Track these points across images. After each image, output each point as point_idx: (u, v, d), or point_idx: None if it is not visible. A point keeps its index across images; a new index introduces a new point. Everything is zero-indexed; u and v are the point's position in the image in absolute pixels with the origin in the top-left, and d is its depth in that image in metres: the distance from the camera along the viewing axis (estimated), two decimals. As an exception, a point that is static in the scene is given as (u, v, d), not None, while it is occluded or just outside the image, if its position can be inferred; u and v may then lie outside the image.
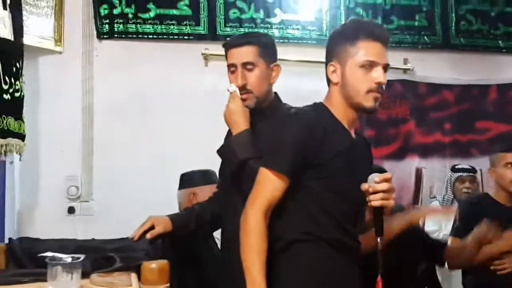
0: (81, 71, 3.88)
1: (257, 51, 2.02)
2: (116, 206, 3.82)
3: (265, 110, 2.03)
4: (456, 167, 3.95)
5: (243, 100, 2.03)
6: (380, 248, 1.71)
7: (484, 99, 4.38)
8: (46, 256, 1.37)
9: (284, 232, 1.72)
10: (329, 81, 1.84)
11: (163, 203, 3.66)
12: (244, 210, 1.69)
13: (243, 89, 2.02)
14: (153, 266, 1.49)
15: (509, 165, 2.72)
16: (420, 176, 4.26)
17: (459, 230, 2.72)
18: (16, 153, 3.12)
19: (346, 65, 1.76)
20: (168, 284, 1.50)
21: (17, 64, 3.11)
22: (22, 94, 3.20)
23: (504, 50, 4.46)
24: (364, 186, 1.72)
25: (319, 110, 1.80)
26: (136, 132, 3.89)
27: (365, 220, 1.84)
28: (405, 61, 4.31)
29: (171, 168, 3.77)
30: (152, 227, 2.11)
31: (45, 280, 1.36)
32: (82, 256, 1.38)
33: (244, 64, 2.01)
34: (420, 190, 4.26)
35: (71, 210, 3.85)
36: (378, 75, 1.77)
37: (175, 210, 3.58)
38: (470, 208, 2.81)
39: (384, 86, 1.81)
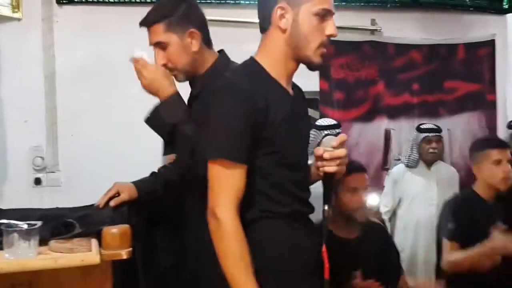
0: (42, 39, 3.76)
1: (164, 27, 1.89)
2: (83, 176, 3.75)
3: (203, 77, 1.93)
4: (422, 126, 3.90)
5: (173, 75, 1.95)
6: (326, 216, 1.61)
7: (452, 59, 4.39)
8: (1, 223, 1.32)
9: (242, 213, 1.52)
10: (265, 27, 1.62)
11: (130, 172, 3.60)
12: (211, 213, 1.49)
13: (166, 68, 1.93)
14: (114, 231, 1.45)
15: (498, 163, 2.61)
16: (389, 138, 4.27)
17: (455, 232, 2.58)
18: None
19: (299, 10, 1.56)
20: (130, 249, 1.46)
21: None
22: None
23: (471, 9, 4.47)
24: (319, 151, 1.58)
25: (252, 71, 1.59)
26: (101, 100, 3.79)
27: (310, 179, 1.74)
28: (373, 21, 4.28)
29: (138, 136, 3.69)
30: (117, 194, 2.06)
31: (1, 248, 1.31)
32: (38, 223, 1.34)
33: (156, 44, 1.92)
34: (389, 152, 4.28)
35: (37, 181, 3.78)
36: (331, 27, 1.59)
37: (139, 175, 3.56)
38: (460, 207, 2.69)
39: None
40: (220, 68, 1.88)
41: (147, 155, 3.49)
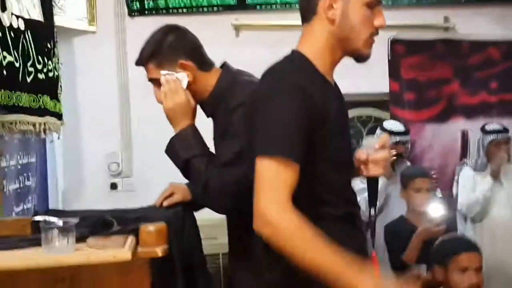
0: (115, 50, 3.94)
1: (154, 64, 1.84)
2: (156, 182, 3.80)
3: (210, 100, 1.87)
4: (487, 128, 3.66)
5: None
6: (373, 219, 1.57)
7: (533, 55, 4.13)
8: (40, 221, 1.39)
9: None
10: (308, 18, 1.50)
11: None
12: (260, 218, 1.31)
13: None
14: (150, 228, 1.48)
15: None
16: (467, 139, 4.07)
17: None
18: (55, 132, 3.20)
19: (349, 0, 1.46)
20: (166, 246, 1.49)
21: (49, 45, 3.18)
22: (56, 74, 3.27)
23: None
24: (362, 156, 1.51)
25: (300, 66, 1.46)
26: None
27: None
28: (446, 19, 4.12)
29: (209, 140, 3.79)
30: (171, 195, 2.12)
31: (39, 245, 1.38)
32: (75, 220, 1.40)
33: (152, 81, 1.90)
34: (468, 154, 4.08)
35: (113, 186, 3.95)
36: (381, 18, 1.48)
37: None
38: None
39: None
40: (225, 85, 1.83)
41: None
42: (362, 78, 3.71)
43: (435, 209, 2.96)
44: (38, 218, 1.47)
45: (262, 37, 3.91)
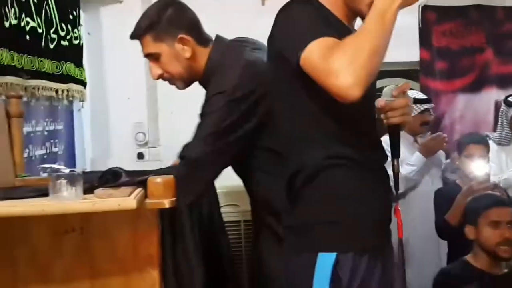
0: (142, 19, 3.92)
1: (152, 38, 1.83)
2: (182, 150, 3.88)
3: (204, 76, 1.88)
4: (510, 99, 3.44)
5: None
6: (396, 171, 1.53)
7: None
8: (47, 168, 1.39)
9: (306, 161, 1.43)
10: None
11: None
12: (332, 75, 1.25)
13: (163, 79, 1.91)
14: (158, 180, 1.48)
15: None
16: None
17: None
18: (79, 100, 3.23)
19: None
20: (174, 199, 1.48)
21: (74, 12, 3.19)
22: (81, 42, 3.30)
23: None
24: (380, 103, 1.47)
25: (315, 7, 1.44)
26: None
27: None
28: (480, -17, 3.97)
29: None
30: None
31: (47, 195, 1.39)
32: (80, 169, 1.40)
33: (149, 56, 1.87)
34: (502, 126, 3.94)
35: (140, 156, 3.97)
36: None
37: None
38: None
39: None
40: (214, 60, 1.83)
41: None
42: (391, 47, 3.63)
43: (480, 168, 2.91)
44: (45, 166, 1.47)
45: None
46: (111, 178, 1.51)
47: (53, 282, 1.50)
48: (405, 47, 3.86)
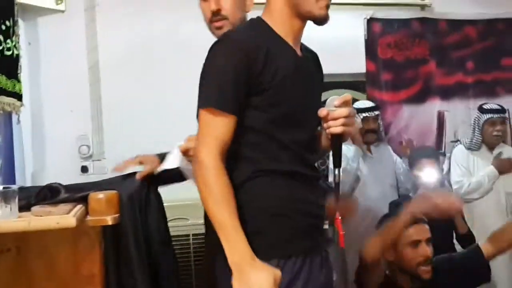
0: (85, 29, 3.82)
1: None
2: (128, 164, 3.78)
3: None
4: (484, 107, 3.61)
5: (219, 28, 1.89)
6: (337, 181, 1.55)
7: (510, 34, 4.10)
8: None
9: (235, 173, 1.49)
10: None
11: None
12: (195, 156, 1.45)
13: (217, 14, 1.87)
14: (100, 196, 1.41)
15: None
16: (443, 120, 4.05)
17: None
18: (13, 112, 3.08)
19: None
20: (116, 215, 1.42)
21: (7, 23, 3.05)
22: (16, 53, 3.14)
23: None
24: (322, 112, 1.51)
25: (256, 27, 1.55)
26: (144, 86, 3.81)
27: (320, 146, 1.69)
28: (422, -3, 4.07)
29: (183, 123, 3.69)
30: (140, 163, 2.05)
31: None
32: (16, 186, 1.32)
33: None
34: (444, 134, 4.05)
35: (84, 169, 3.84)
36: None
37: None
38: None
39: None
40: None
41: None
42: (338, 59, 3.66)
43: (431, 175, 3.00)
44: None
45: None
46: (49, 194, 1.43)
47: (-13, 306, 1.40)
48: (351, 59, 3.91)
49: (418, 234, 2.27)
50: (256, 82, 1.46)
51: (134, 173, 2.18)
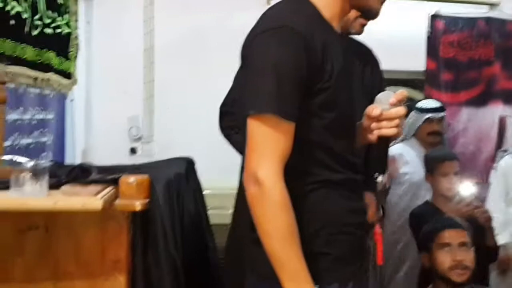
0: (143, 12, 3.83)
1: None
2: (176, 148, 3.77)
3: None
4: None
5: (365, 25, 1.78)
6: (382, 188, 1.41)
7: None
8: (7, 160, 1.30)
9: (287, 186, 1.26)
10: None
11: (222, 141, 3.63)
12: (251, 178, 1.21)
13: None
14: (131, 180, 1.37)
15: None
16: (504, 126, 3.84)
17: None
18: (62, 90, 3.10)
19: None
20: (147, 200, 1.38)
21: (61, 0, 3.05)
22: (68, 31, 3.14)
23: None
24: (376, 111, 1.32)
25: (302, 8, 1.29)
26: (196, 72, 3.81)
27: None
28: (491, -5, 3.87)
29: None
30: None
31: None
32: (48, 162, 1.30)
33: None
34: (503, 142, 3.84)
35: (133, 151, 3.89)
36: None
37: (230, 148, 3.55)
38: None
39: None
40: None
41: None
42: (397, 54, 3.53)
43: (465, 188, 2.80)
44: (6, 157, 1.38)
45: (293, 5, 3.74)
46: (80, 174, 1.40)
47: (13, 282, 1.39)
48: (411, 56, 3.77)
49: (450, 237, 2.27)
50: (315, 81, 1.24)
51: (180, 158, 2.17)
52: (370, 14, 1.37)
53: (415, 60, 3.75)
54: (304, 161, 1.29)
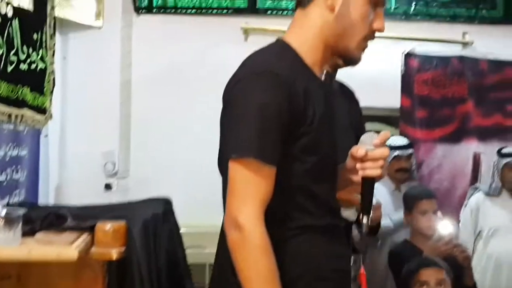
0: (120, 46, 3.84)
1: None
2: (153, 183, 3.75)
3: None
4: (503, 151, 3.46)
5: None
6: (366, 230, 1.37)
7: (554, 78, 3.94)
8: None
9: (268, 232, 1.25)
10: (305, 2, 1.37)
11: (200, 178, 3.62)
12: (232, 223, 1.21)
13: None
14: (107, 227, 1.34)
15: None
16: (478, 162, 3.88)
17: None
18: (36, 126, 3.05)
19: None
20: (123, 249, 1.35)
21: (36, 35, 3.02)
22: (43, 66, 3.11)
23: None
24: (361, 152, 1.30)
25: (284, 54, 1.32)
26: (174, 107, 3.81)
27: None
28: (464, 35, 3.95)
29: (208, 144, 3.66)
30: None
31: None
32: (21, 210, 1.27)
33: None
34: (478, 178, 3.88)
35: (108, 187, 3.82)
36: (381, 21, 1.37)
37: (211, 184, 3.51)
38: None
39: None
40: None
41: (213, 163, 3.45)
42: (373, 92, 3.57)
43: (444, 227, 2.85)
44: (-22, 205, 1.34)
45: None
46: (55, 220, 1.37)
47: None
48: (386, 93, 3.81)
49: (427, 275, 2.40)
50: (297, 126, 1.25)
51: (157, 198, 2.15)
52: (351, 61, 1.39)
53: (390, 97, 3.79)
54: (285, 206, 1.29)
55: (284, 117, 1.23)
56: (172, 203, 2.66)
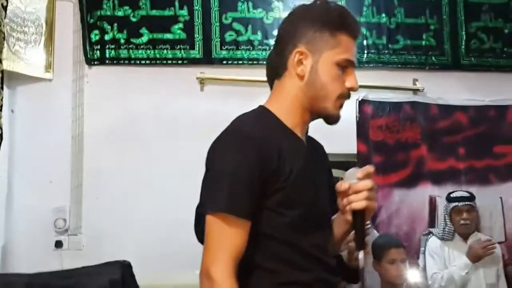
0: (71, 99, 3.76)
1: None
2: (105, 240, 3.60)
3: None
4: (451, 195, 3.55)
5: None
6: (363, 265, 1.38)
7: (502, 121, 4.05)
8: None
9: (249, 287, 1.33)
10: (280, 73, 1.46)
11: (154, 234, 3.49)
12: (205, 273, 1.28)
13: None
14: None
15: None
16: (434, 205, 3.92)
17: None
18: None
19: (320, 57, 1.41)
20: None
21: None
22: None
23: (517, 70, 4.17)
24: (343, 185, 1.36)
25: (263, 118, 1.43)
26: (128, 160, 3.69)
27: (333, 238, 1.50)
28: (415, 81, 4.06)
29: (162, 199, 3.58)
30: None
31: None
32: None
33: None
34: (436, 221, 3.91)
35: (58, 244, 3.64)
36: (353, 79, 1.44)
37: (166, 240, 3.41)
38: None
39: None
40: None
41: (171, 218, 3.34)
42: (329, 138, 3.57)
43: (412, 276, 2.89)
44: None
45: (227, 92, 3.77)
46: None
47: None
48: (343, 139, 3.82)
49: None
50: (270, 182, 1.33)
51: (115, 262, 2.05)
52: (331, 120, 1.46)
53: (348, 143, 3.81)
54: (270, 260, 1.34)
55: (255, 175, 1.31)
56: (132, 267, 2.52)
